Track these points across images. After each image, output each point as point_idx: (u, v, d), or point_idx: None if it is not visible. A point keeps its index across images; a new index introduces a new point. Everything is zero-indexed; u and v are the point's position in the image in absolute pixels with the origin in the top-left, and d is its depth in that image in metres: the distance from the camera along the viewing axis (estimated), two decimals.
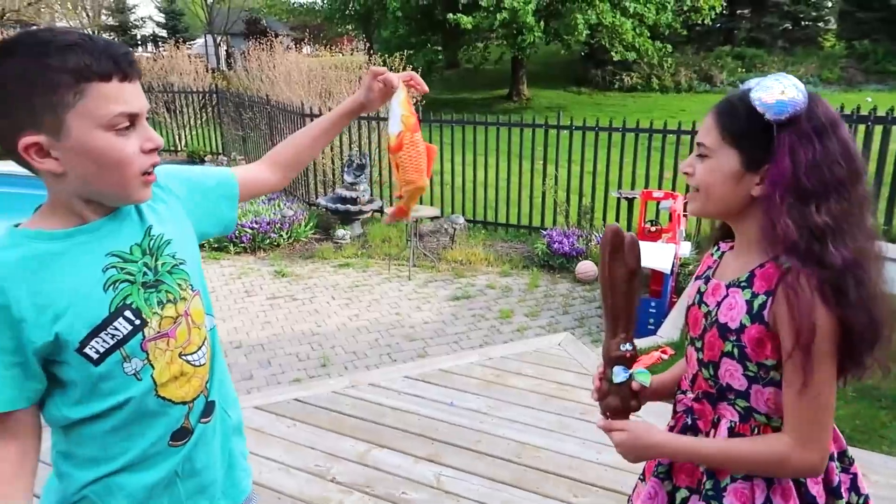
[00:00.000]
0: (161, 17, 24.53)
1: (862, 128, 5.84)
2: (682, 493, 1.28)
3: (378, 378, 3.56)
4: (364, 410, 3.22)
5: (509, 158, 7.12)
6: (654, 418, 3.14)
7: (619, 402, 1.28)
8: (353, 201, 6.95)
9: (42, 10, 22.91)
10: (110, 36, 22.67)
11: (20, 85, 0.95)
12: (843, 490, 1.22)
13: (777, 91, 1.10)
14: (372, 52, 13.49)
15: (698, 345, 1.27)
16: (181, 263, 1.16)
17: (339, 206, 6.98)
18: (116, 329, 1.06)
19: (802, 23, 24.72)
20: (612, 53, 17.06)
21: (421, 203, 7.48)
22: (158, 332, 1.11)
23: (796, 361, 1.09)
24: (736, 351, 1.18)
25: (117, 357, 1.06)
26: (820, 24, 25.43)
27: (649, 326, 4.43)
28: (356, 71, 9.47)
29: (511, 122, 7.27)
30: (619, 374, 1.27)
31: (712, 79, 21.42)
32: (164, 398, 1.13)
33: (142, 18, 24.22)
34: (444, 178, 7.47)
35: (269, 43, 11.05)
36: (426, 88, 1.36)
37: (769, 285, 1.14)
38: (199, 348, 1.18)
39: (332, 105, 8.44)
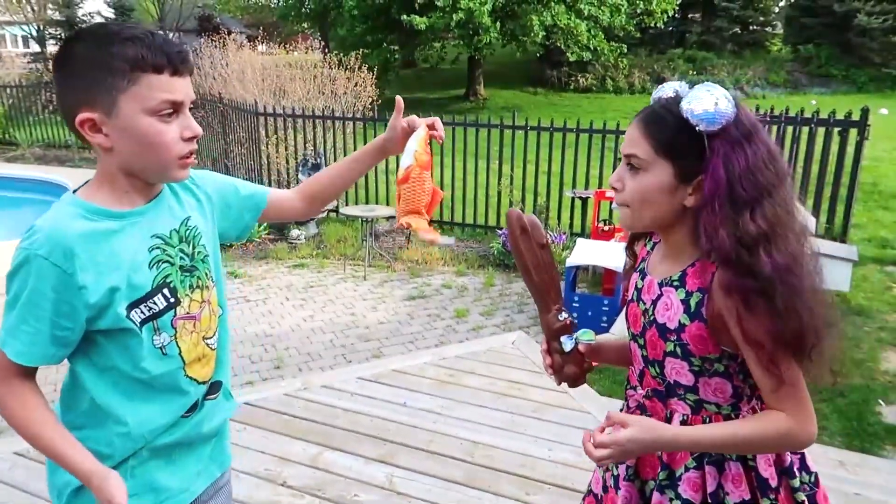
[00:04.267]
0: (110, 13, 23.85)
1: (805, 129, 6.03)
2: (650, 485, 1.30)
3: (331, 379, 3.53)
4: (316, 412, 3.18)
5: (465, 158, 7.13)
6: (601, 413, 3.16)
7: (574, 368, 1.33)
8: None
9: None
10: (56, 31, 21.96)
11: (84, 67, 1.09)
12: (794, 469, 1.24)
13: (710, 102, 1.10)
14: (327, 50, 13.38)
15: (640, 342, 1.28)
16: (207, 255, 1.30)
17: None
18: (154, 303, 1.18)
19: (751, 27, 25.39)
20: (568, 54, 17.26)
21: (377, 203, 7.45)
22: (188, 313, 1.24)
23: (761, 369, 1.12)
24: (679, 349, 1.19)
25: (150, 328, 1.19)
26: (767, 29, 26.17)
27: (602, 324, 4.49)
28: (311, 69, 9.38)
29: (467, 122, 7.29)
30: (567, 343, 1.32)
31: (665, 80, 21.62)
32: (191, 378, 1.26)
33: (90, 13, 23.49)
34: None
35: (222, 40, 10.85)
36: (443, 136, 1.41)
37: (702, 282, 1.15)
38: (215, 333, 1.32)
39: (286, 104, 8.35)
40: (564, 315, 1.33)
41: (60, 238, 1.10)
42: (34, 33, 22.56)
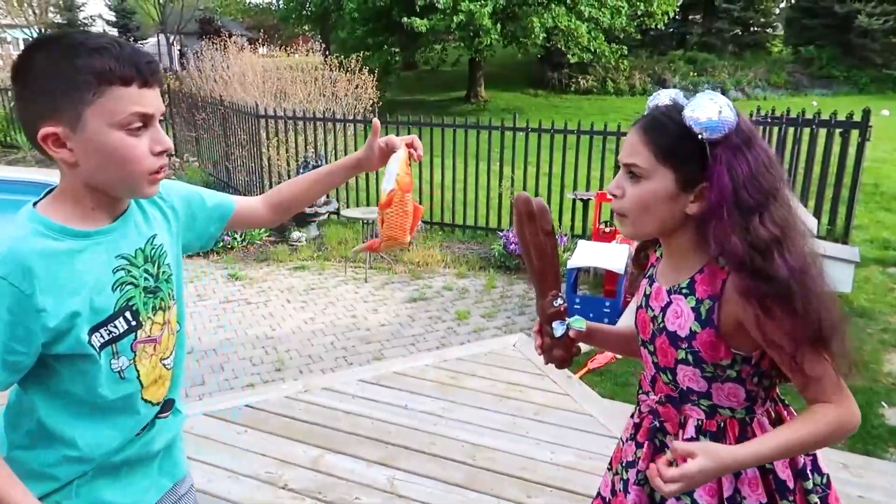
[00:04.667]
0: (111, 16, 23.89)
1: (807, 131, 6.02)
2: None
3: (332, 382, 3.52)
4: (317, 415, 3.17)
5: (466, 160, 7.13)
6: (610, 417, 3.17)
7: (563, 351, 1.37)
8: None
9: None
10: None
11: (48, 78, 1.02)
12: (807, 471, 1.23)
13: (713, 111, 1.10)
14: (328, 53, 13.40)
15: (651, 348, 1.28)
16: (171, 275, 1.25)
17: None
18: (115, 327, 1.13)
19: (752, 28, 25.42)
20: (569, 56, 17.27)
21: (378, 205, 7.44)
22: (148, 336, 1.19)
23: (787, 369, 1.12)
24: (690, 357, 1.19)
25: (108, 352, 1.13)
26: (768, 30, 26.20)
27: None
28: (312, 72, 9.37)
29: (468, 123, 7.28)
30: (558, 329, 1.36)
31: (665, 82, 21.85)
32: (146, 400, 1.22)
33: (91, 17, 23.54)
34: None
35: (223, 43, 10.86)
36: (422, 154, 1.39)
37: (713, 289, 1.15)
38: (172, 352, 1.27)
39: (286, 106, 8.34)
40: (559, 301, 1.36)
41: (19, 257, 1.03)
42: (35, 36, 22.60)
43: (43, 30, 22.33)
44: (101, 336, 1.11)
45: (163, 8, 28.21)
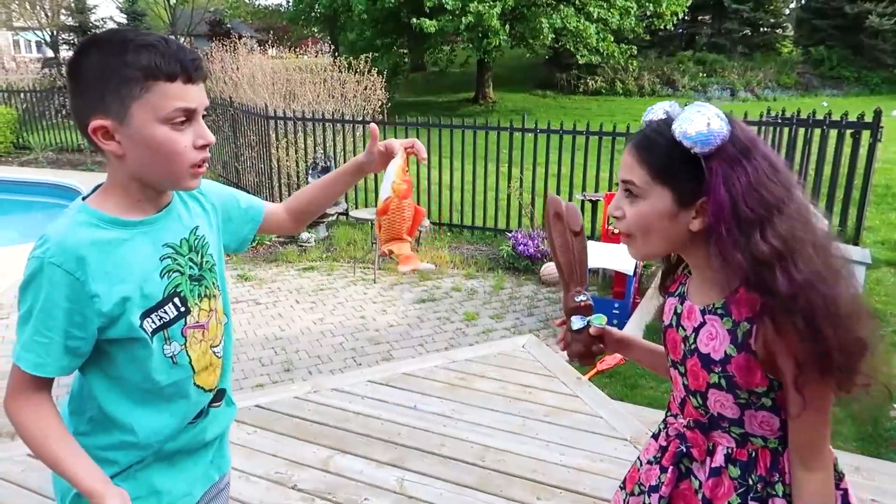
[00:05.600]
0: (122, 18, 24.02)
1: (817, 132, 5.99)
2: None
3: (341, 383, 3.52)
4: (327, 416, 3.18)
5: (475, 161, 7.13)
6: (619, 419, 3.15)
7: (581, 347, 1.38)
8: None
9: None
10: (69, 37, 22.14)
11: (98, 74, 1.08)
12: None
13: (702, 123, 1.05)
14: (337, 54, 13.43)
15: (681, 370, 1.23)
16: (214, 265, 1.31)
17: None
18: (165, 312, 1.19)
19: (761, 29, 25.30)
20: (578, 56, 17.23)
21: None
22: (197, 322, 1.24)
23: (791, 391, 1.08)
24: (724, 382, 1.13)
25: (160, 337, 1.19)
26: (778, 31, 26.06)
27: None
28: (321, 73, 9.40)
29: (476, 125, 7.29)
30: (576, 322, 1.37)
31: (675, 83, 21.80)
32: (198, 386, 1.27)
33: (102, 19, 23.69)
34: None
35: (232, 45, 10.90)
36: (425, 156, 1.41)
37: (750, 311, 1.09)
38: (221, 341, 1.32)
39: (295, 107, 8.37)
40: (582, 297, 1.38)
41: (72, 246, 1.09)
42: (47, 39, 22.76)
43: (55, 32, 22.47)
44: (153, 321, 1.17)
45: (173, 10, 28.36)
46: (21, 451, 2.88)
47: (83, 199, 1.18)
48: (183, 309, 1.21)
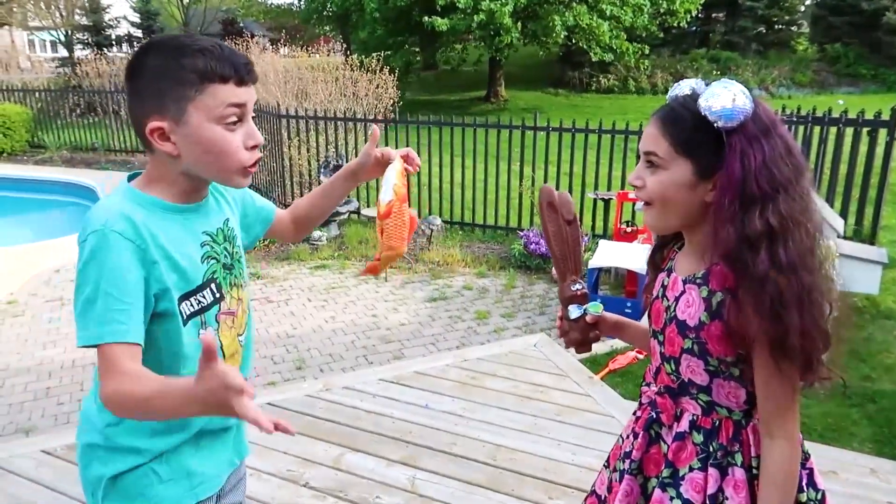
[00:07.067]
0: (136, 18, 24.18)
1: (833, 130, 5.92)
2: (652, 483, 1.30)
3: (352, 381, 3.53)
4: (338, 414, 3.18)
5: (486, 159, 7.11)
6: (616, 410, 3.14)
7: (578, 334, 1.41)
8: None
9: (14, 9, 22.50)
10: (83, 36, 22.29)
11: (156, 77, 1.13)
12: (802, 484, 1.22)
13: (727, 98, 1.10)
14: (349, 53, 13.46)
15: (660, 338, 1.28)
16: (241, 256, 1.37)
17: None
18: (204, 297, 1.23)
19: (776, 26, 25.04)
20: (591, 54, 17.14)
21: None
22: (229, 309, 1.29)
23: (756, 368, 1.14)
24: (696, 347, 1.19)
25: (196, 322, 1.22)
26: (793, 28, 25.78)
27: None
28: (333, 72, 9.42)
29: (488, 123, 7.27)
30: (573, 311, 1.40)
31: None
32: None
33: (116, 18, 23.83)
34: (422, 179, 7.45)
35: (245, 44, 10.95)
36: (419, 165, 1.45)
37: (728, 282, 1.14)
38: (245, 331, 1.36)
39: (308, 106, 8.39)
40: (577, 286, 1.41)
41: (129, 215, 1.13)
42: (62, 38, 22.92)
43: (69, 32, 22.63)
44: (191, 305, 1.20)
45: (186, 10, 28.49)
46: (35, 448, 2.90)
47: (128, 181, 1.23)
48: (218, 295, 1.26)
